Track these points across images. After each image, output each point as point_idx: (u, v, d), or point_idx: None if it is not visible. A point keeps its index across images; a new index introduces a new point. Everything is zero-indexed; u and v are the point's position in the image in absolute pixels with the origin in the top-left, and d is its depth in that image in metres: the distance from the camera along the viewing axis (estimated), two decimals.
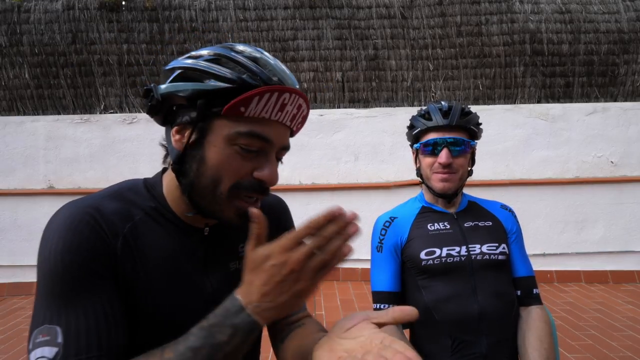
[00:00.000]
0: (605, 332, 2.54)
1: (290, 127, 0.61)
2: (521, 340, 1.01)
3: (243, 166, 0.57)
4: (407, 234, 1.11)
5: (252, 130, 0.55)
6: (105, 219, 0.55)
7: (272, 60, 0.59)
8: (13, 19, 3.72)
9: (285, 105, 0.57)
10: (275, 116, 0.56)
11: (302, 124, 0.64)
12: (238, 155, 0.56)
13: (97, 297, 0.52)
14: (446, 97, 3.91)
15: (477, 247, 1.05)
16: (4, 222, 3.59)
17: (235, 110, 0.54)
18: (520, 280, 1.08)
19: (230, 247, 0.69)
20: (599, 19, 3.82)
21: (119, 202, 0.59)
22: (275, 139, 0.58)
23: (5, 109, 3.84)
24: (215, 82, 0.54)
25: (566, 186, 3.65)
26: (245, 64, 0.56)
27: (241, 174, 0.57)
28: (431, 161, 1.08)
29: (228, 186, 0.56)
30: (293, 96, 0.57)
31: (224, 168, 0.56)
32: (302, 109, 0.61)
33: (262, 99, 0.54)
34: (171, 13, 3.80)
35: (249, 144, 0.56)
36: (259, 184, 0.58)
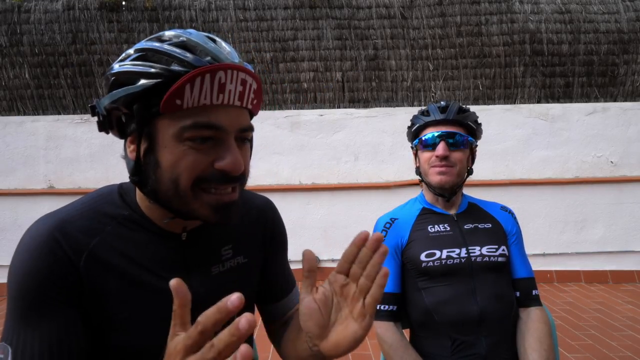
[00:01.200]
0: (605, 332, 2.54)
1: (242, 105, 0.55)
2: (521, 341, 1.01)
3: (200, 160, 0.52)
4: (408, 235, 1.11)
5: (196, 122, 0.51)
6: (68, 238, 0.54)
7: (203, 40, 0.53)
8: (13, 19, 3.72)
9: (225, 84, 0.51)
10: (217, 100, 0.51)
11: (258, 98, 0.58)
12: (191, 150, 0.52)
13: (53, 322, 0.52)
14: (446, 97, 3.92)
15: (477, 249, 1.05)
16: (4, 222, 3.59)
17: (172, 105, 0.50)
18: (520, 281, 1.08)
19: (212, 251, 0.67)
20: (599, 19, 3.82)
21: (88, 216, 0.58)
22: (227, 124, 0.53)
23: (6, 109, 3.84)
24: (145, 80, 0.50)
25: (566, 186, 3.65)
26: (171, 52, 0.51)
27: (200, 168, 0.53)
28: (429, 156, 1.09)
29: (189, 184, 0.53)
30: (231, 72, 0.51)
31: (179, 167, 0.52)
32: (249, 84, 0.54)
33: (195, 85, 0.49)
34: (171, 13, 3.80)
35: (198, 135, 0.52)
36: (222, 174, 0.53)
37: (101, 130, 0.58)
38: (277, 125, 3.70)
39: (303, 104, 3.91)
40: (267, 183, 3.66)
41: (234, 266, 0.68)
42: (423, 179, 1.14)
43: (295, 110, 3.79)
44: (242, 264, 0.70)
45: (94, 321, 0.56)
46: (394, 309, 1.08)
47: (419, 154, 1.14)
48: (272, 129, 3.69)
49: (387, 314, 1.07)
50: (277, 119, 3.70)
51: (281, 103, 3.91)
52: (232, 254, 0.68)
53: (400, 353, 1.01)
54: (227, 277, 0.67)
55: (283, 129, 3.71)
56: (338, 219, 3.65)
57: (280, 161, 3.69)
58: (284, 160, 3.70)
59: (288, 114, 3.73)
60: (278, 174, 3.69)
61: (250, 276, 0.72)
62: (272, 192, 3.60)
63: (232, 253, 0.68)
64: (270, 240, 0.76)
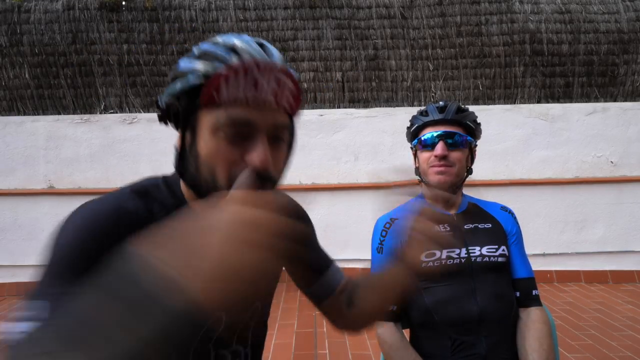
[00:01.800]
0: (605, 332, 2.54)
1: (276, 104, 0.57)
2: (521, 341, 1.01)
3: (232, 153, 0.55)
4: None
5: (230, 115, 0.54)
6: (128, 217, 0.56)
7: (249, 43, 0.57)
8: (13, 19, 3.72)
9: (260, 82, 0.54)
10: (251, 95, 0.54)
11: (295, 99, 0.60)
12: (225, 142, 0.54)
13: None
14: (446, 97, 3.92)
15: (477, 250, 1.05)
16: (4, 222, 3.59)
17: (210, 99, 0.54)
18: (520, 281, 1.08)
19: None
20: (599, 19, 3.82)
21: (141, 200, 0.59)
22: (259, 119, 0.55)
23: (6, 109, 3.84)
24: (193, 77, 0.55)
25: (566, 186, 3.66)
26: (219, 54, 0.56)
27: (232, 162, 0.55)
28: (428, 156, 1.09)
29: (225, 178, 0.55)
30: (266, 71, 0.54)
31: (215, 159, 0.55)
32: (284, 83, 0.57)
33: (231, 80, 0.53)
34: (171, 13, 3.80)
35: (231, 129, 0.54)
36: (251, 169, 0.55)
37: (161, 121, 0.61)
38: None
39: (303, 104, 3.91)
40: None
41: None
42: (422, 179, 1.14)
43: None
44: None
45: None
46: (394, 309, 1.08)
47: (418, 154, 1.14)
48: None
49: (387, 314, 1.07)
50: None
51: None
52: None
53: (400, 353, 1.01)
54: None
55: None
56: (338, 219, 3.65)
57: None
58: None
59: None
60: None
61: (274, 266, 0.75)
62: None
63: None
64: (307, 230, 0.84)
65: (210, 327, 0.62)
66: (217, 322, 0.63)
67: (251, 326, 0.71)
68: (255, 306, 0.70)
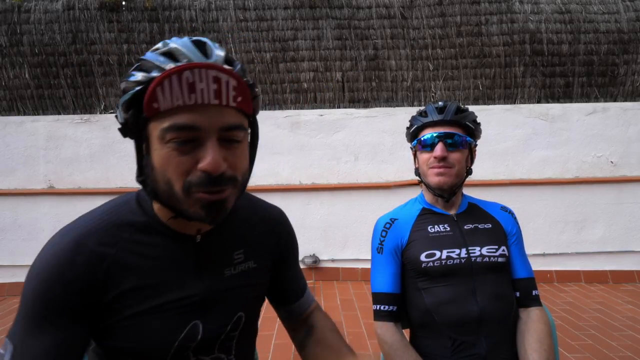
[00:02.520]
0: (605, 332, 2.54)
1: (221, 104, 0.54)
2: (521, 341, 1.01)
3: (184, 161, 0.54)
4: (408, 236, 1.11)
5: (173, 123, 0.53)
6: (89, 252, 0.57)
7: (185, 45, 0.55)
8: (13, 19, 3.72)
9: (194, 83, 0.52)
10: (189, 100, 0.52)
11: (243, 95, 0.57)
12: (174, 152, 0.54)
13: (58, 335, 0.54)
14: (446, 97, 3.92)
15: (477, 250, 1.05)
16: (4, 222, 3.59)
17: (152, 109, 0.53)
18: (520, 281, 1.08)
19: (224, 254, 0.70)
20: (599, 19, 3.82)
21: (107, 227, 0.60)
22: (203, 123, 0.53)
23: (6, 109, 3.84)
24: (134, 88, 0.54)
25: (566, 186, 3.66)
26: (153, 60, 0.54)
27: (185, 170, 0.54)
28: (427, 157, 1.09)
29: (180, 186, 0.55)
30: (198, 71, 0.52)
31: (168, 169, 0.54)
32: (224, 81, 0.54)
33: (165, 87, 0.51)
34: (171, 13, 3.80)
35: (177, 137, 0.53)
36: (205, 176, 0.54)
37: (123, 136, 0.60)
38: (277, 125, 3.71)
39: (303, 104, 3.91)
40: (267, 183, 3.66)
41: (245, 270, 0.72)
42: (422, 180, 1.14)
43: (295, 110, 3.79)
44: (253, 268, 0.73)
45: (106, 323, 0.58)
46: (394, 309, 1.08)
47: (417, 154, 1.14)
48: (272, 129, 3.69)
49: (387, 314, 1.07)
50: (277, 119, 3.71)
51: (281, 103, 3.91)
52: (243, 259, 0.72)
53: (400, 353, 1.01)
54: (238, 280, 0.70)
55: (283, 129, 3.71)
56: (338, 219, 3.65)
57: (280, 161, 3.69)
58: (284, 160, 3.70)
59: (288, 114, 3.73)
60: (278, 174, 3.69)
61: (259, 280, 0.76)
62: (272, 192, 3.60)
63: (243, 257, 0.72)
64: (285, 250, 0.82)
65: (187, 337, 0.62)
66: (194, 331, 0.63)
67: (235, 337, 0.70)
68: (239, 316, 0.70)
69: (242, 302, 0.71)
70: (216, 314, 0.66)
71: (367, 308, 2.84)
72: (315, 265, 3.63)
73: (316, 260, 3.63)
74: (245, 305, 0.71)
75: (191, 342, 0.63)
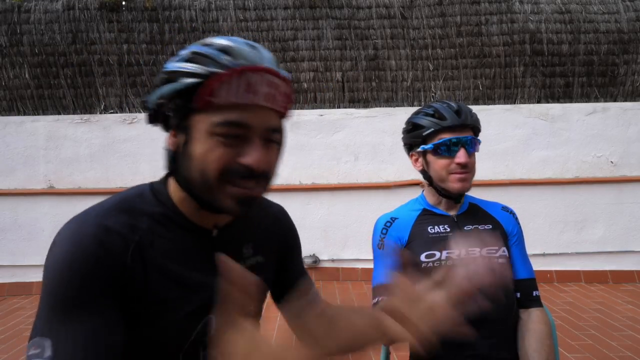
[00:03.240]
0: (605, 332, 2.54)
1: (271, 107, 0.58)
2: (521, 342, 1.01)
3: (226, 154, 0.56)
4: (408, 236, 1.10)
5: (225, 118, 0.55)
6: (115, 234, 0.56)
7: (242, 45, 0.58)
8: (13, 19, 3.72)
9: (254, 85, 0.55)
10: (246, 99, 0.55)
11: (287, 101, 0.62)
12: (220, 144, 0.56)
13: (94, 318, 0.52)
14: (446, 97, 3.91)
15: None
16: (4, 222, 3.59)
17: (206, 102, 0.55)
18: (520, 282, 1.08)
19: (236, 248, 0.69)
20: (599, 19, 3.82)
21: (125, 213, 0.59)
22: (254, 122, 0.56)
23: (6, 109, 3.84)
24: (186, 79, 0.56)
25: (566, 186, 3.65)
26: (213, 55, 0.56)
27: (225, 161, 0.56)
28: (447, 162, 1.05)
29: (216, 174, 0.56)
30: (260, 75, 0.56)
31: (208, 159, 0.56)
32: (278, 87, 0.58)
33: (226, 84, 0.54)
34: (171, 13, 3.80)
35: (227, 132, 0.56)
36: (246, 169, 0.56)
37: (150, 122, 0.63)
38: None
39: (303, 104, 3.91)
40: None
41: (253, 264, 0.72)
42: (435, 184, 1.10)
43: (295, 110, 3.79)
44: (260, 263, 0.73)
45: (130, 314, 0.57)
46: None
47: (430, 159, 1.08)
48: None
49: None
50: None
51: None
52: (252, 253, 0.72)
53: None
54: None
55: None
56: (338, 219, 3.65)
57: None
58: (284, 160, 3.69)
59: None
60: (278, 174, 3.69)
61: (266, 275, 0.76)
62: (272, 192, 3.58)
63: (252, 252, 0.72)
64: (288, 246, 0.82)
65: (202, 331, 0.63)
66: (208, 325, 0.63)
67: None
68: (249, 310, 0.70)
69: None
70: None
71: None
72: (315, 266, 3.63)
73: (316, 260, 3.63)
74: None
75: (205, 337, 0.63)
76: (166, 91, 0.57)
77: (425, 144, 1.09)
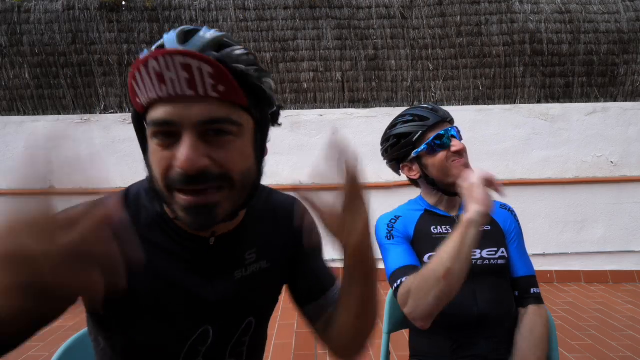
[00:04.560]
0: (605, 332, 2.54)
1: (197, 94, 0.48)
2: (516, 341, 1.01)
3: (165, 157, 0.50)
4: (413, 232, 1.09)
5: (151, 118, 0.50)
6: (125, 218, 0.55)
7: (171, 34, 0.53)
8: (13, 19, 3.72)
9: (162, 73, 0.47)
10: (160, 91, 0.48)
11: (222, 82, 0.49)
12: (158, 147, 0.51)
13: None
14: (446, 97, 3.91)
15: (477, 252, 1.04)
16: None
17: (139, 106, 0.51)
18: (519, 280, 1.07)
19: (236, 256, 0.65)
20: (599, 19, 3.82)
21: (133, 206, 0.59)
22: (178, 117, 0.48)
23: (6, 109, 3.84)
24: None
25: (566, 186, 3.65)
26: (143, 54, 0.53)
27: (164, 167, 0.51)
28: (444, 154, 1.04)
29: (162, 183, 0.52)
30: (163, 59, 0.46)
31: (152, 164, 0.53)
32: (195, 66, 0.46)
33: (138, 80, 0.48)
34: (171, 13, 3.80)
35: (158, 132, 0.50)
36: (182, 174, 0.49)
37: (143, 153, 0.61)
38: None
39: (303, 104, 3.91)
40: (267, 183, 3.65)
41: (256, 271, 0.67)
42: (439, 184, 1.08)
43: (295, 110, 3.79)
44: (265, 269, 0.68)
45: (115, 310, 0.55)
46: None
47: (427, 160, 1.07)
48: (272, 129, 3.69)
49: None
50: None
51: (281, 103, 3.91)
52: (255, 258, 0.67)
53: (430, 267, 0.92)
54: (249, 282, 0.65)
55: (283, 129, 3.68)
56: None
57: (280, 161, 3.69)
58: (284, 160, 3.70)
59: (288, 114, 3.73)
60: (278, 174, 3.69)
61: (272, 282, 0.71)
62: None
63: (255, 257, 0.67)
64: (299, 241, 0.73)
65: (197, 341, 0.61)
66: (204, 336, 0.61)
67: (246, 342, 0.68)
68: (249, 321, 0.67)
69: (252, 307, 0.67)
70: (226, 319, 0.63)
71: None
72: None
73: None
74: (255, 310, 0.68)
75: (201, 346, 0.61)
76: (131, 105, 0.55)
77: (416, 148, 1.08)
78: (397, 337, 1.20)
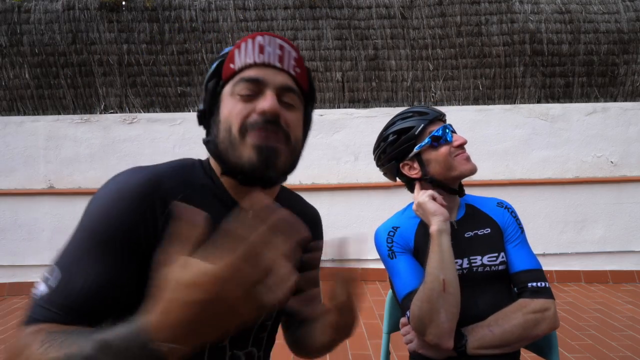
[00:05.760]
0: (605, 332, 2.54)
1: (282, 67, 0.65)
2: None
3: (245, 108, 0.62)
4: (412, 243, 1.06)
5: (242, 77, 0.63)
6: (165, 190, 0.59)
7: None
8: (13, 19, 3.72)
9: (264, 46, 0.63)
10: (258, 58, 0.63)
11: (301, 68, 0.68)
12: (239, 101, 0.63)
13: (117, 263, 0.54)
14: (446, 97, 3.91)
15: (478, 259, 1.03)
16: (4, 222, 3.59)
17: (228, 71, 0.65)
18: (516, 276, 1.04)
19: None
20: (599, 19, 3.82)
21: (180, 176, 0.63)
22: (266, 78, 0.63)
23: (6, 109, 3.84)
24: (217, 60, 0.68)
25: (566, 186, 3.65)
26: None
27: (244, 114, 0.62)
28: (447, 148, 1.04)
29: (238, 128, 0.62)
30: (268, 38, 0.64)
31: (231, 115, 0.63)
32: (287, 50, 0.65)
33: (241, 49, 0.64)
34: (171, 13, 3.80)
35: (244, 89, 0.63)
36: (259, 114, 0.62)
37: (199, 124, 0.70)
38: None
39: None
40: None
41: None
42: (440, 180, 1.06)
43: None
44: None
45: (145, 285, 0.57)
46: None
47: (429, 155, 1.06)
48: None
49: None
50: None
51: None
52: None
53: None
54: None
55: None
56: (338, 219, 3.65)
57: None
58: None
59: None
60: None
61: None
62: None
63: None
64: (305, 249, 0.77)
65: None
66: None
67: (268, 327, 0.71)
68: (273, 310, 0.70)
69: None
70: None
71: (368, 308, 2.84)
72: None
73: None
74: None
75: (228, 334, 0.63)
76: (206, 78, 0.67)
77: (418, 143, 1.06)
78: (397, 337, 1.20)
